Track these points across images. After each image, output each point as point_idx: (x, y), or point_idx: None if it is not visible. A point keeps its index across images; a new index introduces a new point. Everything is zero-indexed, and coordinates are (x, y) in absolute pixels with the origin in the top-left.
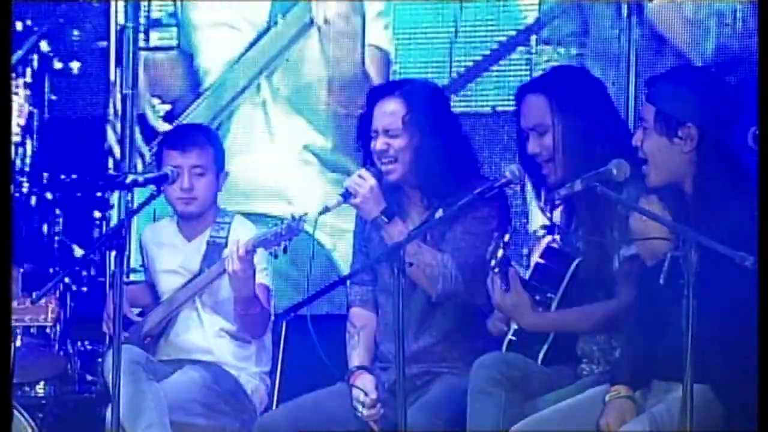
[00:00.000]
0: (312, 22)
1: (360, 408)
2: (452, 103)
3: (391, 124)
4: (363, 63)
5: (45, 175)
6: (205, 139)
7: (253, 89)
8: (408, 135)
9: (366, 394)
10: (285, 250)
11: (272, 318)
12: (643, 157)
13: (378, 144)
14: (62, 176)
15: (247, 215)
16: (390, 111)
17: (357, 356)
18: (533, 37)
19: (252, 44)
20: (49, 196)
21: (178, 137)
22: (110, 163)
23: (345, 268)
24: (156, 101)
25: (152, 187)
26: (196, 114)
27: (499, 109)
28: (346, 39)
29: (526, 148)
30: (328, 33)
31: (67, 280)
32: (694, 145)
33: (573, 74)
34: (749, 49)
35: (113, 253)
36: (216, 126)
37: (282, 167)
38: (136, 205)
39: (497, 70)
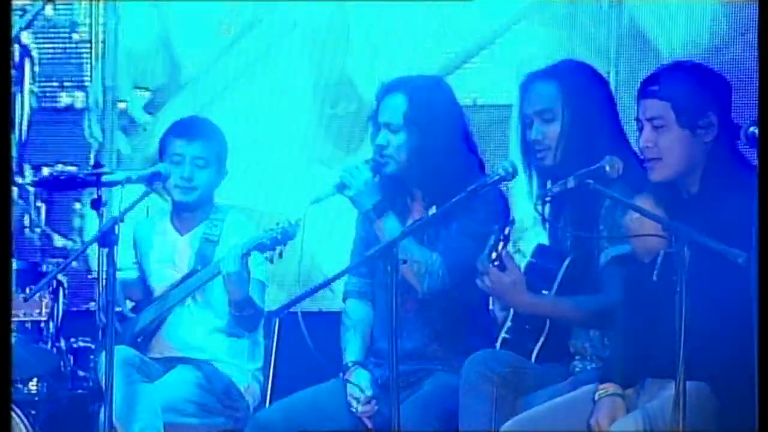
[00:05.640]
0: (296, 23)
1: (354, 404)
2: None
3: (392, 119)
4: (348, 63)
5: (26, 166)
6: (212, 134)
7: (237, 85)
8: (408, 131)
9: (361, 390)
10: (281, 255)
11: (265, 314)
12: (655, 157)
13: (379, 137)
14: (48, 171)
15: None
16: (393, 106)
17: (352, 350)
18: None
19: (236, 41)
20: (30, 189)
21: (186, 126)
22: (91, 156)
23: (328, 266)
24: (138, 93)
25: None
26: (178, 107)
27: (483, 102)
28: (330, 41)
29: (527, 135)
30: (312, 35)
31: (59, 276)
32: (715, 134)
33: (583, 68)
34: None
35: (105, 251)
36: None
37: (265, 164)
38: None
39: (481, 62)
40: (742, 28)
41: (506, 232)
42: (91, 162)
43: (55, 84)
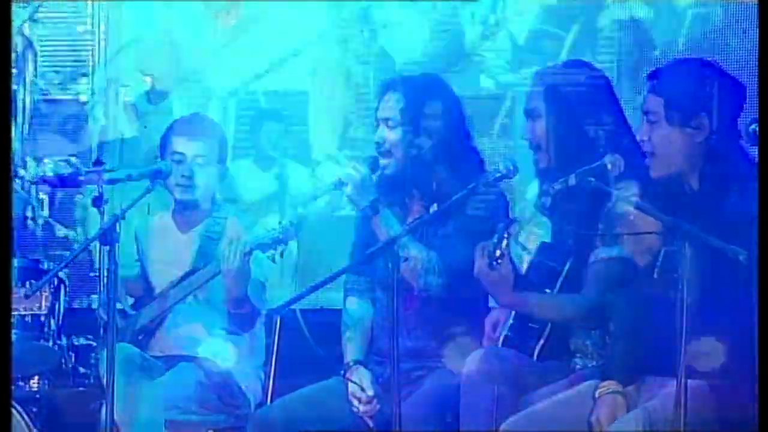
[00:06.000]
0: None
1: (356, 403)
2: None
3: (390, 115)
4: (349, 59)
5: (28, 159)
6: (212, 132)
7: (238, 81)
8: (404, 128)
9: (363, 389)
10: (282, 254)
11: (263, 313)
12: (649, 151)
13: (377, 134)
14: (50, 164)
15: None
16: (391, 103)
17: (352, 349)
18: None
19: (237, 36)
20: (31, 181)
21: (186, 125)
22: (94, 146)
23: (329, 263)
24: (142, 79)
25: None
26: (179, 102)
27: (485, 95)
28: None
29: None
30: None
31: (60, 274)
32: (706, 135)
33: (577, 67)
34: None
35: (106, 249)
36: None
37: (267, 161)
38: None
39: (482, 57)
40: (742, 28)
41: (510, 230)
42: (92, 158)
43: (58, 76)
